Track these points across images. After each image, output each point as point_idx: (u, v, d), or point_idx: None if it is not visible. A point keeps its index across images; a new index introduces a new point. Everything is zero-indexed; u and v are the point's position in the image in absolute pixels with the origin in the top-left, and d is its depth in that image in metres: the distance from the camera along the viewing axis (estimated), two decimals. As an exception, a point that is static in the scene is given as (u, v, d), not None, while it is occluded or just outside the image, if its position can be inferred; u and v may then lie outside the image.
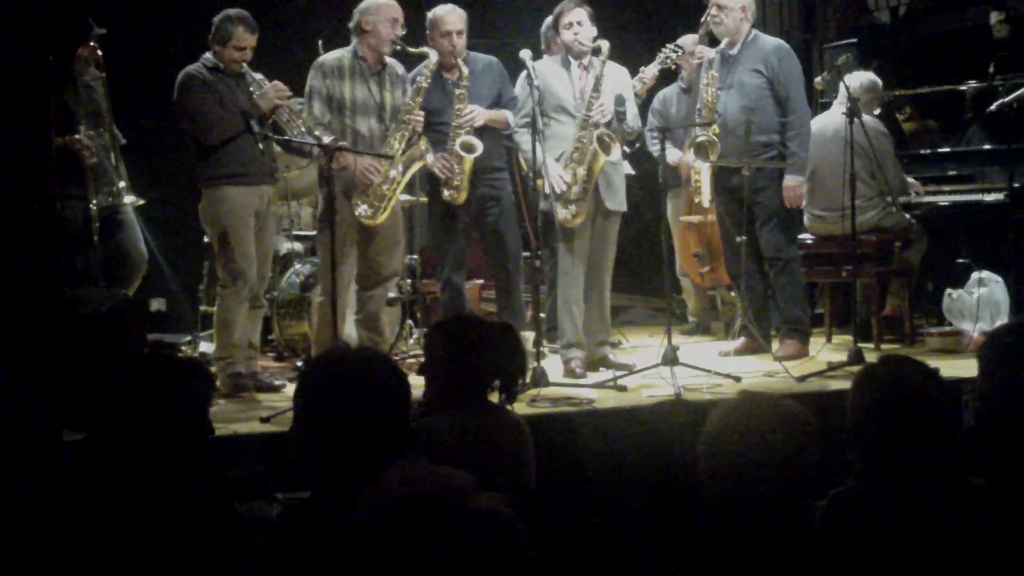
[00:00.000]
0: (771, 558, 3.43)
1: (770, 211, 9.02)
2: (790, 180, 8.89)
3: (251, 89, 8.25)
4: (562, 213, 8.41)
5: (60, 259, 6.67)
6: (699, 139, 8.87)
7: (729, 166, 8.91)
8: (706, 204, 9.44)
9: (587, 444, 6.74)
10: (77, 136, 8.40)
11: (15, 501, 3.13)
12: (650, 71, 9.36)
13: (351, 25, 8.61)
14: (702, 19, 9.64)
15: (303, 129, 8.24)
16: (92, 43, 8.59)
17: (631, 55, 9.26)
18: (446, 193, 8.67)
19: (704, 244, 10.36)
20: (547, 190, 8.33)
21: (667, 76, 10.18)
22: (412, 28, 8.80)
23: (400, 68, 8.76)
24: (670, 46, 9.58)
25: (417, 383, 4.53)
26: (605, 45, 8.50)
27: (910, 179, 10.06)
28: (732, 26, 9.00)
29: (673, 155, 10.09)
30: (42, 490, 3.16)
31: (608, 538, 3.99)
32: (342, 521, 2.25)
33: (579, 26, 8.58)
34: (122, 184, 8.71)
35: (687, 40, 10.03)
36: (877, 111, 9.96)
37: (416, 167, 8.62)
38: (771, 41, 9.21)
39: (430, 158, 8.51)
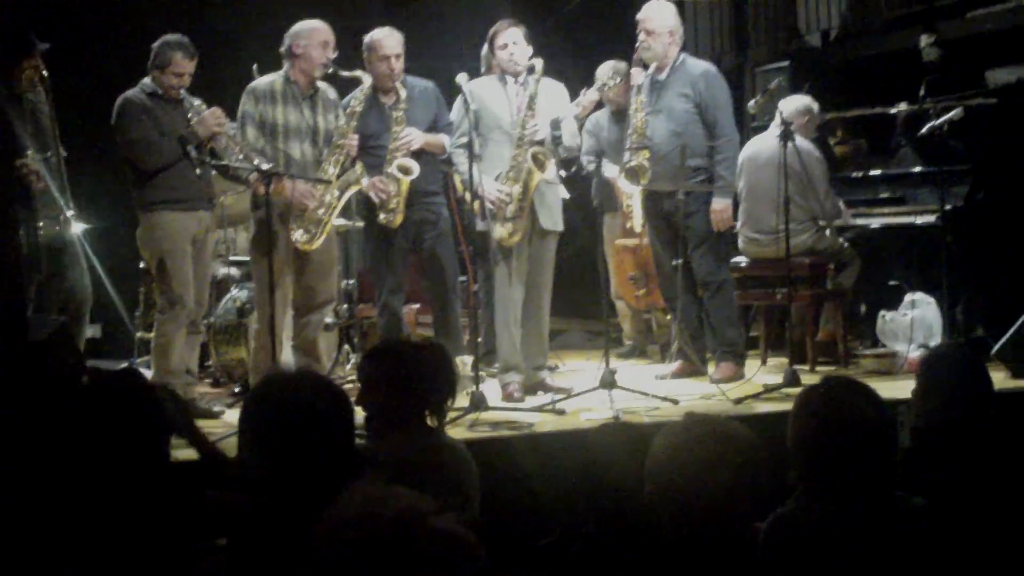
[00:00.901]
0: (717, 577, 3.45)
1: (701, 235, 9.07)
2: (717, 204, 8.96)
3: (189, 115, 8.23)
4: (499, 231, 8.42)
5: (22, 285, 6.62)
6: (629, 164, 8.91)
7: (660, 190, 8.96)
8: (637, 229, 9.50)
9: (529, 467, 6.75)
10: (23, 160, 8.32)
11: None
12: (589, 96, 9.39)
13: (282, 50, 8.58)
14: (637, 44, 9.68)
15: (240, 156, 8.22)
16: (35, 59, 8.47)
17: (565, 79, 9.27)
18: (382, 216, 8.65)
19: (640, 267, 10.40)
20: (485, 210, 8.33)
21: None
22: (347, 52, 8.81)
23: (332, 93, 8.75)
24: (610, 72, 9.61)
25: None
26: (539, 63, 8.54)
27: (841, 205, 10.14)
28: (660, 51, 9.04)
29: (611, 171, 10.13)
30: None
31: (554, 560, 4.00)
32: (297, 545, 2.26)
33: (514, 46, 8.60)
34: (70, 213, 8.61)
35: (607, 68, 10.11)
36: (815, 135, 10.04)
37: (351, 191, 8.61)
38: (699, 65, 9.26)
39: (365, 182, 8.49)
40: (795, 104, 9.78)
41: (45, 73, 8.53)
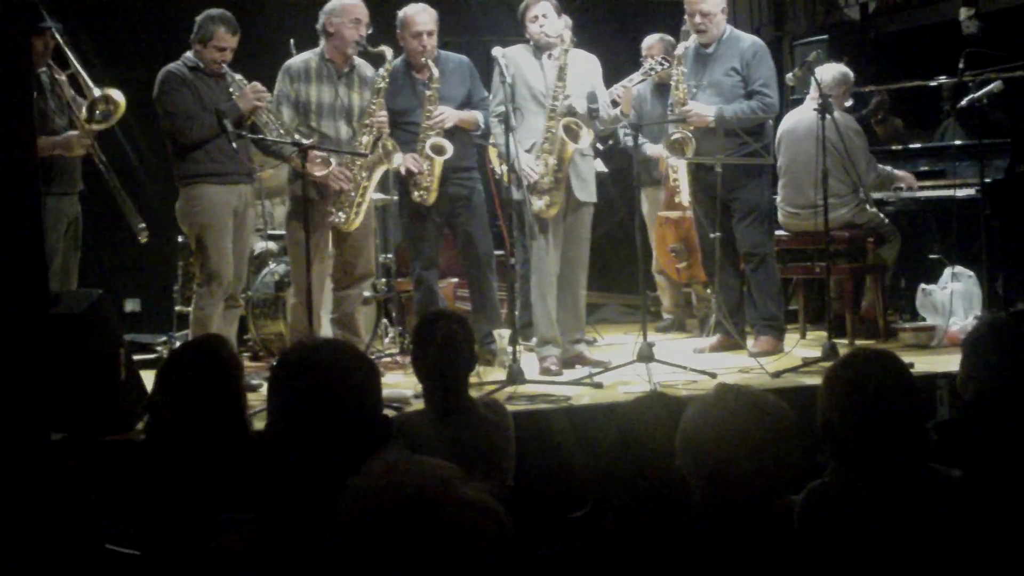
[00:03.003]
0: (750, 551, 3.44)
1: (748, 207, 9.04)
2: (700, 109, 8.88)
3: (231, 90, 8.25)
4: (536, 204, 8.41)
5: (44, 256, 6.63)
6: (673, 136, 8.87)
7: (705, 163, 8.91)
8: (685, 202, 9.45)
9: (565, 440, 6.77)
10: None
11: (4, 502, 3.12)
12: (632, 82, 9.34)
13: (317, 27, 8.60)
14: (685, 26, 9.64)
15: (282, 131, 8.24)
16: (44, 36, 8.27)
17: (610, 52, 9.25)
18: (416, 194, 8.67)
19: (682, 240, 10.37)
20: (521, 181, 8.32)
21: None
22: (382, 28, 8.80)
23: (369, 69, 8.73)
24: (658, 58, 9.58)
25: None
26: (568, 35, 8.51)
27: (900, 172, 10.08)
28: (717, 31, 9.00)
29: (654, 150, 10.11)
30: (31, 490, 3.15)
31: (588, 532, 4.00)
32: (326, 514, 2.25)
33: (544, 18, 8.57)
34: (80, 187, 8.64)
35: (654, 41, 10.09)
36: (849, 103, 9.97)
37: (382, 169, 8.61)
38: (746, 39, 9.21)
39: (397, 159, 8.50)
40: (831, 73, 9.69)
41: (63, 47, 8.46)
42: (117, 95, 8.40)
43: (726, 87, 8.96)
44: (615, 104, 8.80)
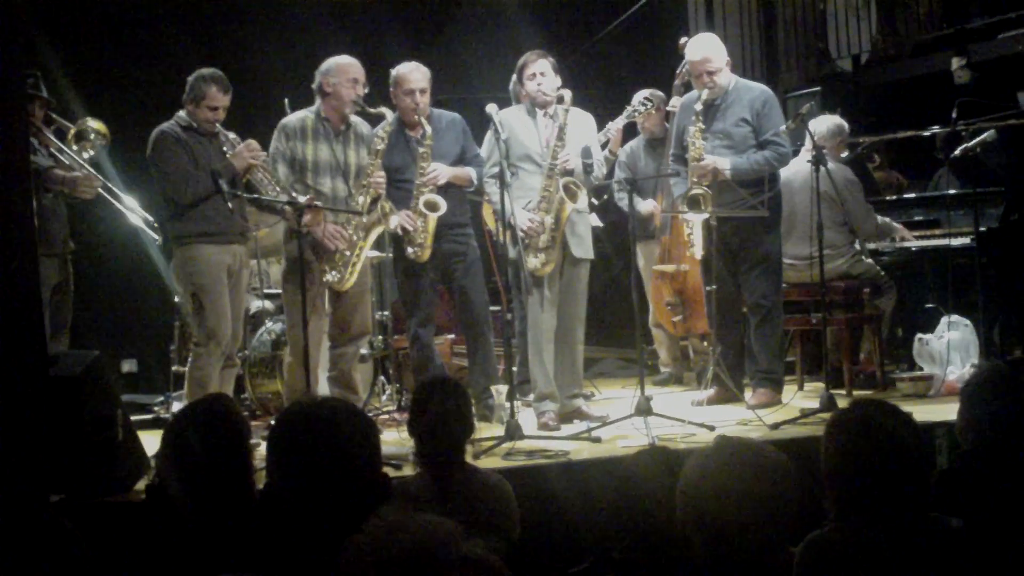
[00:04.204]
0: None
1: (759, 258, 9.02)
2: (718, 163, 8.79)
3: (224, 149, 8.26)
4: (532, 262, 8.42)
5: (42, 318, 6.63)
6: (693, 192, 8.79)
7: (721, 216, 8.87)
8: (698, 256, 9.44)
9: (564, 495, 6.75)
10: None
11: (2, 563, 3.11)
12: (616, 124, 9.37)
13: (313, 87, 8.64)
14: (678, 71, 9.68)
15: (277, 188, 8.25)
16: (33, 104, 8.20)
17: (598, 109, 9.27)
18: (410, 251, 8.67)
19: (677, 293, 10.38)
20: (517, 239, 8.31)
21: (630, 129, 10.25)
22: (377, 87, 8.84)
23: (365, 127, 8.77)
24: (640, 98, 9.62)
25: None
26: (567, 94, 8.53)
27: (897, 224, 10.10)
28: (725, 84, 9.01)
29: (646, 206, 10.14)
30: (30, 551, 3.15)
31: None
32: (326, 572, 2.25)
33: (542, 76, 8.60)
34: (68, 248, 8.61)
35: (643, 96, 10.13)
36: (845, 154, 10.01)
37: (378, 231, 8.63)
38: (755, 88, 9.20)
39: (393, 221, 8.52)
40: (826, 125, 9.75)
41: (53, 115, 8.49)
42: (95, 122, 8.42)
43: (737, 138, 8.94)
44: (604, 145, 8.83)
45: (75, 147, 8.56)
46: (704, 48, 9.04)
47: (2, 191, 5.75)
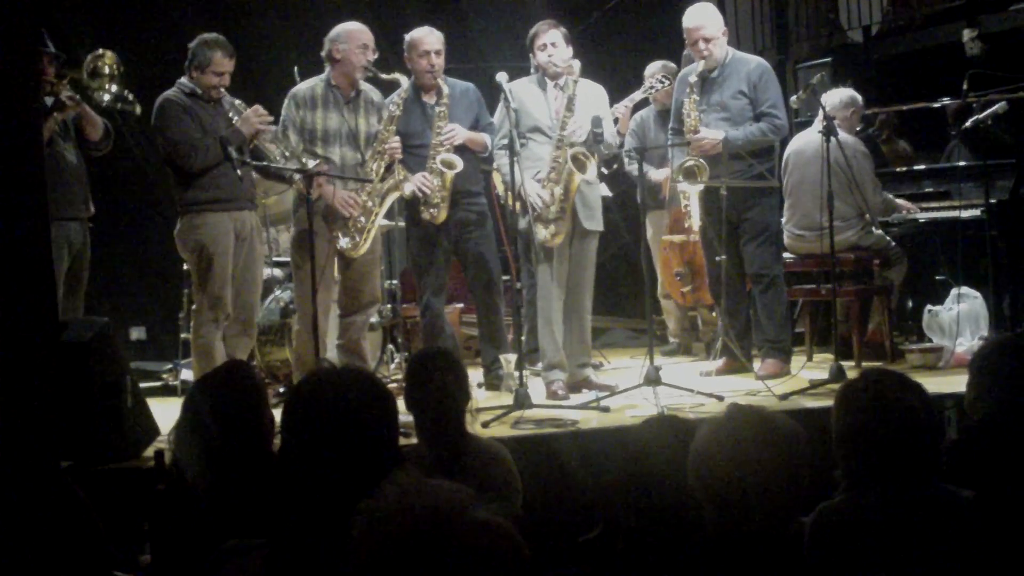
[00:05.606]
0: (762, 572, 3.43)
1: (757, 228, 9.02)
2: (711, 135, 8.81)
3: (230, 115, 8.23)
4: (542, 233, 8.42)
5: (54, 284, 6.63)
6: (688, 164, 8.80)
7: (714, 186, 8.88)
8: (696, 227, 9.44)
9: (573, 464, 6.76)
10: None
11: (13, 528, 3.12)
12: (633, 98, 9.32)
13: (323, 54, 8.61)
14: (687, 51, 9.64)
15: (286, 154, 8.21)
16: (42, 62, 8.13)
17: (610, 79, 9.26)
18: (426, 212, 8.66)
19: (686, 263, 10.38)
20: (527, 209, 8.30)
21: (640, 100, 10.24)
22: (386, 54, 8.82)
23: (376, 94, 8.75)
24: (658, 76, 9.62)
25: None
26: (577, 64, 8.53)
27: (900, 200, 10.09)
28: (720, 54, 8.99)
29: (658, 174, 10.14)
30: (40, 517, 3.15)
31: (597, 555, 3.99)
32: (337, 538, 2.25)
33: (553, 47, 8.59)
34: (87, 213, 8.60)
35: (656, 68, 10.13)
36: (859, 127, 9.99)
37: (392, 197, 8.62)
38: (751, 60, 9.19)
39: (407, 188, 8.51)
40: (838, 97, 9.75)
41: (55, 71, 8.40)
42: (96, 53, 8.40)
43: (734, 110, 8.94)
44: (615, 122, 8.82)
45: (95, 87, 8.48)
46: (699, 15, 9.04)
47: (13, 154, 5.73)
